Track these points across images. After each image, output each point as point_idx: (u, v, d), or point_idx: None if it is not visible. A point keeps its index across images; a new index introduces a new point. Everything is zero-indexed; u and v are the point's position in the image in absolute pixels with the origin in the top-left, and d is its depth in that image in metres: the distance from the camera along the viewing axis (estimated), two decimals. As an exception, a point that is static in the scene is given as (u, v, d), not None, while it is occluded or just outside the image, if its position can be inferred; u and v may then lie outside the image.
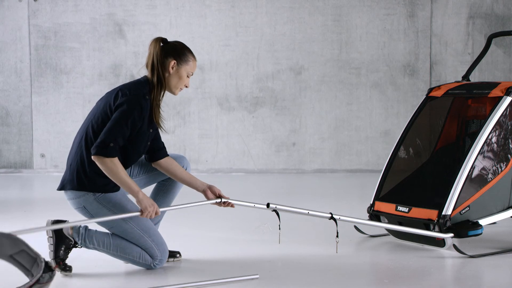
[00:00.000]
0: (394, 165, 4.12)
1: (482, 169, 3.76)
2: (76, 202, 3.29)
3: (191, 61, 3.36)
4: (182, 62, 3.33)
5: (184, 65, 3.33)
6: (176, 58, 3.31)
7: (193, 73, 3.39)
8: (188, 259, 3.63)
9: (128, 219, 3.27)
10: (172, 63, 3.31)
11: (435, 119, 4.24)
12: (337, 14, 7.37)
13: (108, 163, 3.14)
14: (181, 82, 3.35)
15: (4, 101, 7.45)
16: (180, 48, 3.35)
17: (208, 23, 7.38)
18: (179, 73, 3.33)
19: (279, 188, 6.41)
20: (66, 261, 3.31)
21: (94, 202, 3.26)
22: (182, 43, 3.41)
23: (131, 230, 3.29)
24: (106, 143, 3.13)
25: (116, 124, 3.17)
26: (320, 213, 3.56)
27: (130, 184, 3.19)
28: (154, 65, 3.30)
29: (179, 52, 3.33)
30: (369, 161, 7.44)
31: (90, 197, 3.26)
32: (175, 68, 3.32)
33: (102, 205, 3.25)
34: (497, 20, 7.35)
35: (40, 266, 2.74)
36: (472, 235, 3.68)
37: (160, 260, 3.34)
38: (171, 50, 3.32)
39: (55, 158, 7.44)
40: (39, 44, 7.39)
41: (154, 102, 3.30)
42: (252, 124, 7.43)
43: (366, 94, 7.41)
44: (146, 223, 3.33)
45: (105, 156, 3.13)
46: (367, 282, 3.32)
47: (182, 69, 3.33)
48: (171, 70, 3.32)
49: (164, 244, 3.37)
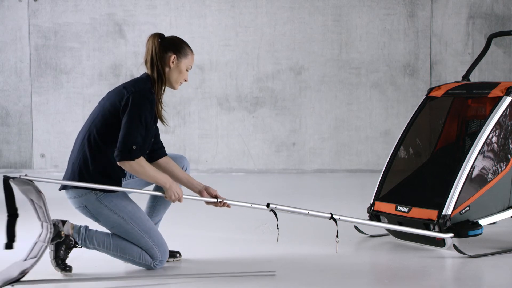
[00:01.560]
0: (394, 165, 4.11)
1: (482, 169, 3.76)
2: (77, 201, 3.29)
3: (190, 55, 3.39)
4: (182, 56, 3.35)
5: (184, 59, 3.36)
6: (176, 53, 3.34)
7: (191, 66, 3.42)
8: (188, 259, 3.63)
9: (129, 220, 3.27)
10: (172, 57, 3.33)
11: (435, 119, 4.24)
12: (337, 14, 7.37)
13: (136, 166, 3.18)
14: (181, 76, 3.38)
15: (4, 101, 7.45)
16: (179, 42, 3.38)
17: (208, 23, 7.38)
18: (179, 67, 3.35)
19: (279, 188, 6.41)
20: (66, 261, 3.31)
21: (96, 201, 3.26)
22: (179, 37, 3.43)
23: (132, 231, 3.29)
24: (129, 147, 3.16)
25: (132, 125, 3.18)
26: (320, 213, 3.56)
27: (160, 178, 3.25)
28: (153, 61, 3.32)
29: (178, 46, 3.36)
30: (369, 161, 7.44)
31: (92, 196, 3.26)
32: (175, 62, 3.34)
33: (104, 204, 3.25)
34: (497, 20, 7.35)
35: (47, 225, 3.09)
36: (472, 235, 3.68)
37: (160, 260, 3.34)
38: (169, 45, 3.34)
39: (55, 158, 7.44)
40: (39, 44, 7.39)
41: (157, 97, 3.32)
42: (252, 124, 7.43)
43: (366, 94, 7.42)
44: (147, 224, 3.32)
45: (131, 160, 3.16)
46: (367, 282, 3.32)
47: (182, 63, 3.36)
48: (171, 64, 3.34)
49: (165, 245, 3.36)
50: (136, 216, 3.30)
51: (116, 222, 3.27)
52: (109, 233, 3.34)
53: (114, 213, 3.25)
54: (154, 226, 3.38)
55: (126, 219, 3.27)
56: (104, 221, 3.30)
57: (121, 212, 3.26)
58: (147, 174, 3.21)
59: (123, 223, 3.28)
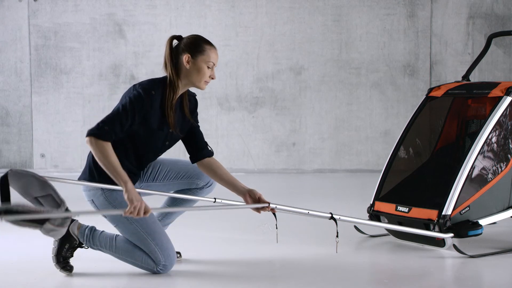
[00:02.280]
0: (394, 165, 4.11)
1: (482, 169, 3.76)
2: (87, 195, 3.30)
3: (208, 50, 3.24)
4: (197, 53, 3.21)
5: (200, 55, 3.22)
6: (190, 52, 3.21)
7: (214, 63, 3.25)
8: (188, 259, 3.63)
9: (133, 220, 3.20)
10: (187, 57, 3.21)
11: (435, 119, 4.24)
12: (337, 14, 7.37)
13: (100, 145, 3.05)
14: (202, 75, 3.22)
15: (4, 101, 7.44)
16: (193, 40, 3.25)
17: (208, 23, 7.38)
18: (196, 65, 3.22)
19: (279, 188, 6.41)
20: (70, 261, 3.30)
21: (101, 197, 3.25)
22: (196, 35, 3.31)
23: (134, 231, 3.23)
24: (100, 125, 3.09)
25: (116, 112, 3.14)
26: (320, 213, 3.56)
27: (120, 172, 3.05)
28: (166, 65, 3.24)
29: (192, 44, 3.23)
30: (369, 161, 7.44)
31: (99, 191, 3.25)
32: (191, 61, 3.22)
33: (108, 201, 3.23)
34: (497, 20, 7.35)
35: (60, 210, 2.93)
36: (472, 235, 3.68)
37: (164, 265, 3.25)
38: (183, 46, 3.24)
39: (55, 158, 7.44)
40: (39, 44, 7.39)
41: (167, 102, 3.23)
42: (252, 124, 7.43)
43: (366, 94, 7.41)
44: (151, 226, 3.25)
45: (99, 138, 3.05)
46: (367, 282, 3.32)
47: (199, 61, 3.22)
48: (187, 65, 3.21)
49: (170, 249, 3.28)
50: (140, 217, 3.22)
51: (120, 221, 3.24)
52: (114, 235, 3.32)
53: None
54: (161, 229, 3.29)
55: (130, 219, 3.21)
56: (109, 217, 3.28)
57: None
58: (109, 159, 3.04)
59: (126, 223, 3.23)
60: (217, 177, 3.44)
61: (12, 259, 3.65)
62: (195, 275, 3.35)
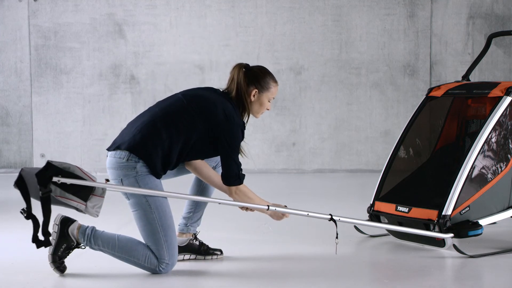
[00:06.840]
0: (394, 165, 4.11)
1: (482, 169, 3.76)
2: (115, 173, 3.27)
3: (273, 87, 3.47)
4: (264, 89, 3.44)
5: (266, 92, 3.45)
6: (258, 87, 3.43)
7: (274, 97, 3.52)
8: (188, 259, 3.62)
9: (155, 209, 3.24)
10: (254, 91, 3.42)
11: (435, 119, 4.24)
12: (337, 14, 7.37)
13: (243, 188, 3.38)
14: (263, 108, 3.48)
15: (4, 101, 7.45)
16: (262, 76, 3.45)
17: (208, 23, 7.38)
18: (260, 100, 3.45)
19: (279, 188, 6.41)
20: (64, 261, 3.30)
21: (132, 179, 3.24)
22: (263, 68, 3.50)
23: (151, 221, 3.24)
24: (238, 173, 3.36)
25: (235, 152, 3.35)
26: (320, 214, 3.55)
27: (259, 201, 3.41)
28: (239, 93, 3.42)
29: (260, 79, 3.44)
30: (369, 161, 7.44)
31: (131, 172, 3.24)
32: (257, 96, 3.44)
33: (138, 185, 3.24)
34: (497, 20, 7.35)
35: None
36: (472, 235, 3.68)
37: (166, 264, 3.27)
38: (252, 78, 3.43)
39: (55, 158, 7.43)
40: (39, 44, 7.39)
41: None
42: (252, 124, 7.43)
43: (366, 94, 7.42)
44: (168, 221, 3.28)
45: (241, 184, 3.38)
46: (367, 282, 3.32)
47: (264, 96, 3.45)
48: (252, 98, 3.43)
49: (176, 249, 3.30)
50: (162, 208, 3.25)
51: (141, 207, 3.24)
52: (115, 234, 3.31)
53: (144, 196, 3.23)
54: (174, 228, 3.33)
55: (153, 207, 3.23)
56: (132, 200, 3.26)
57: (151, 199, 3.23)
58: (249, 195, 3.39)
59: (147, 210, 3.24)
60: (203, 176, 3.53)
61: (11, 259, 3.65)
62: (195, 275, 3.35)
